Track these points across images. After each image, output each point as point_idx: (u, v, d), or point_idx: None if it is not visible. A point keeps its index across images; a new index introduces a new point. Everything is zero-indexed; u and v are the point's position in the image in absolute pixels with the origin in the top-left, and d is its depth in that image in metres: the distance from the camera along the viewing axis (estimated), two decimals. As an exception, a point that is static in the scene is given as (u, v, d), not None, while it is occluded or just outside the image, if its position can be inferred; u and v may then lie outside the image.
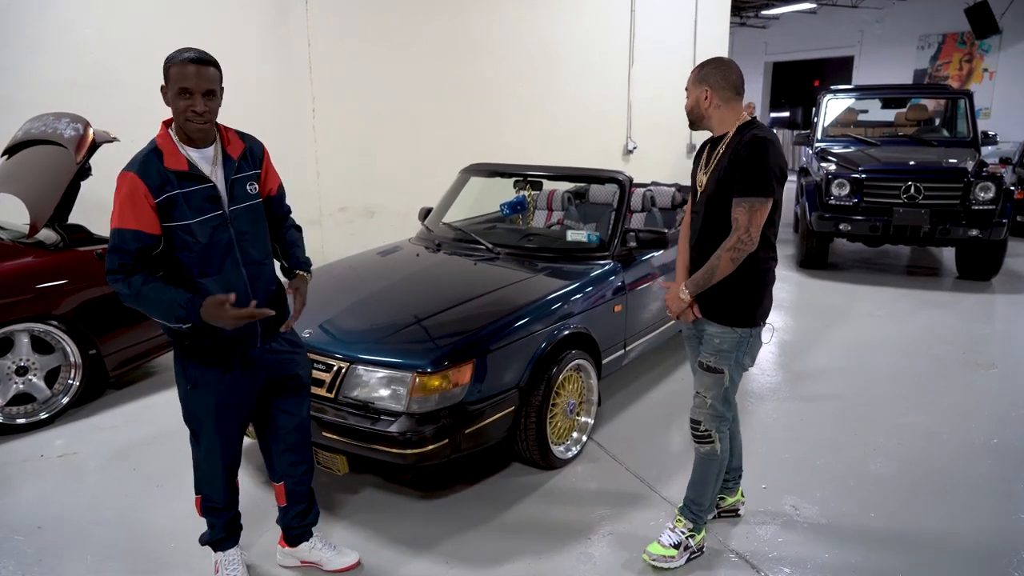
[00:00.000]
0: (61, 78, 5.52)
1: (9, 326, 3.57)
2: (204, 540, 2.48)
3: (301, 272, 2.48)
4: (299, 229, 2.56)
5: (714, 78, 2.42)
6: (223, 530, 2.46)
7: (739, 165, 2.33)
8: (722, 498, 2.87)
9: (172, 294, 2.05)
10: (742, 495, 2.93)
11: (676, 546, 2.60)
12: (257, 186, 2.26)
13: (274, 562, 2.65)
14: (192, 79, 2.06)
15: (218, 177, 2.16)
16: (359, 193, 7.31)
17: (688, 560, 2.61)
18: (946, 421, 3.86)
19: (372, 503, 3.05)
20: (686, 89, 2.51)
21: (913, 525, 2.90)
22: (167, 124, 2.16)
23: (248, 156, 2.26)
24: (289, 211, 2.51)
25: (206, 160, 2.15)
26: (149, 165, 2.06)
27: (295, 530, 2.58)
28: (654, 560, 2.58)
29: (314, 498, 2.61)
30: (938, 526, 2.90)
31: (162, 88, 2.10)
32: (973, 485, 3.22)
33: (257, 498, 3.08)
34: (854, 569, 2.61)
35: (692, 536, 2.63)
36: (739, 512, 2.92)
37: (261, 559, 2.68)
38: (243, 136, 2.30)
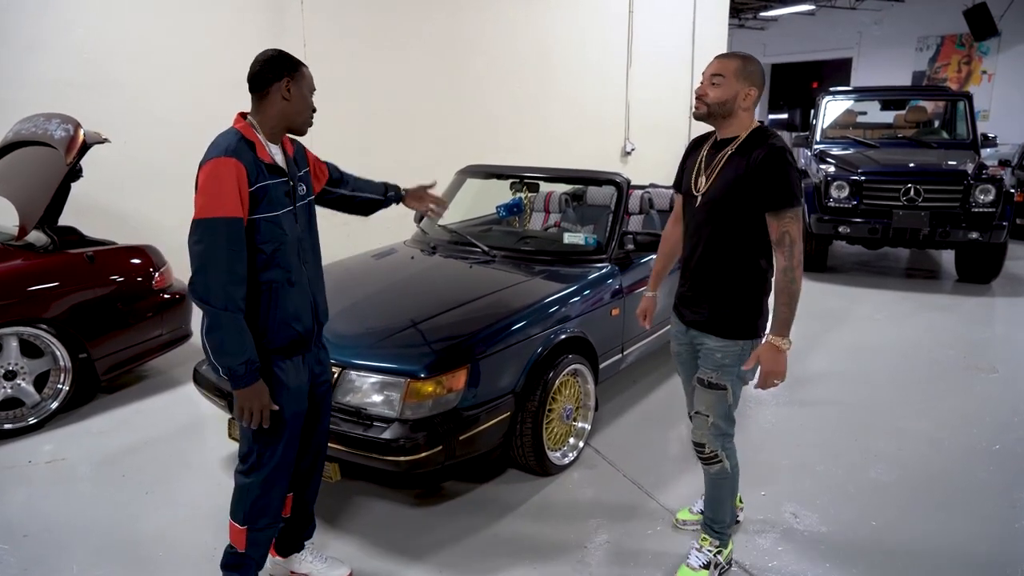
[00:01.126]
0: (56, 78, 5.47)
1: (-3, 329, 3.52)
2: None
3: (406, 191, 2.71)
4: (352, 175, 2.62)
5: (760, 79, 2.29)
6: (258, 565, 2.31)
7: (765, 178, 2.18)
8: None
9: (251, 344, 1.99)
10: (740, 500, 2.82)
11: (706, 566, 2.52)
12: (306, 187, 2.25)
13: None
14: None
15: (288, 174, 2.15)
16: (356, 194, 7.26)
17: None
18: (947, 426, 3.81)
19: (364, 511, 2.99)
20: (716, 75, 2.26)
21: (914, 533, 2.86)
22: (244, 116, 2.11)
23: (298, 156, 2.26)
24: (339, 170, 2.57)
25: (279, 156, 2.14)
26: (244, 153, 2.00)
27: (289, 541, 2.52)
28: None
29: (312, 510, 2.55)
30: (939, 533, 2.85)
31: (287, 84, 2.06)
32: (974, 492, 3.18)
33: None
34: (855, 579, 2.57)
35: (720, 552, 2.55)
36: (738, 519, 2.83)
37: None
38: (290, 139, 2.29)
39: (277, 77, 2.06)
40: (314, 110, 2.18)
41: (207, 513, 2.94)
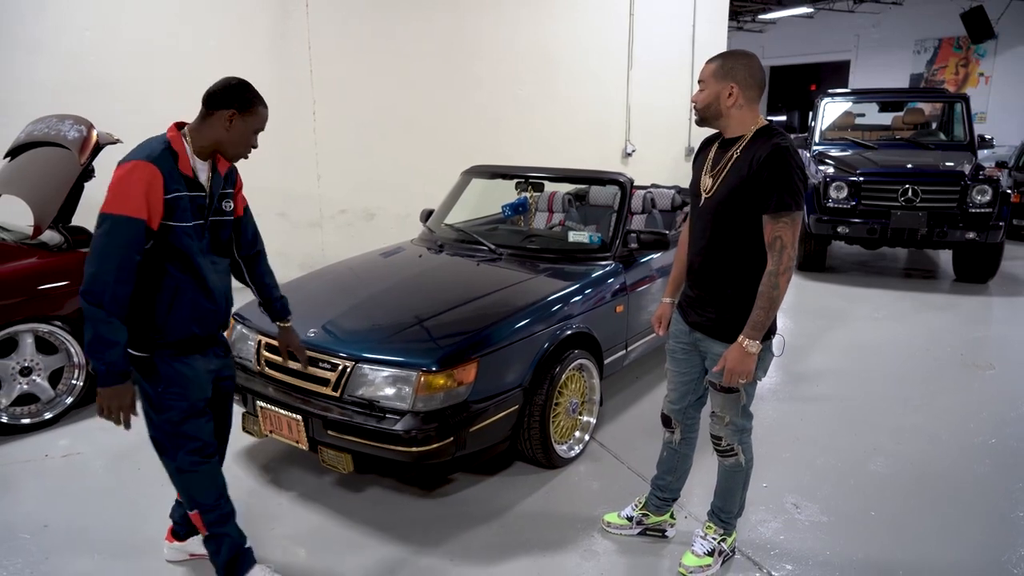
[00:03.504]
0: (61, 81, 5.55)
1: (13, 327, 3.58)
2: (221, 566, 2.37)
3: (287, 323, 2.62)
4: (265, 255, 2.60)
5: (742, 74, 2.22)
6: (238, 539, 2.39)
7: (765, 178, 2.15)
8: (645, 515, 2.80)
9: (120, 348, 2.04)
10: (671, 516, 2.82)
11: (711, 553, 2.58)
12: (233, 204, 2.34)
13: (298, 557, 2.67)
14: (265, 124, 2.23)
15: (208, 190, 2.22)
16: (359, 195, 7.34)
17: (723, 563, 2.60)
18: (945, 422, 3.89)
19: (376, 501, 3.06)
20: (700, 81, 2.30)
21: (913, 523, 2.93)
22: (178, 127, 2.18)
23: (230, 175, 2.34)
24: (258, 232, 2.54)
25: (204, 172, 2.20)
26: (164, 161, 2.07)
27: (186, 526, 2.58)
28: (691, 572, 2.54)
29: None
30: (938, 524, 2.93)
31: (231, 115, 2.12)
32: (972, 484, 3.25)
33: (264, 497, 3.11)
34: (855, 566, 2.64)
35: (724, 540, 2.61)
36: (666, 534, 2.80)
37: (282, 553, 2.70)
38: None
39: (227, 106, 2.12)
40: (254, 147, 2.23)
41: (222, 504, 3.00)
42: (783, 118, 19.31)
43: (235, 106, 2.12)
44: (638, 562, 2.67)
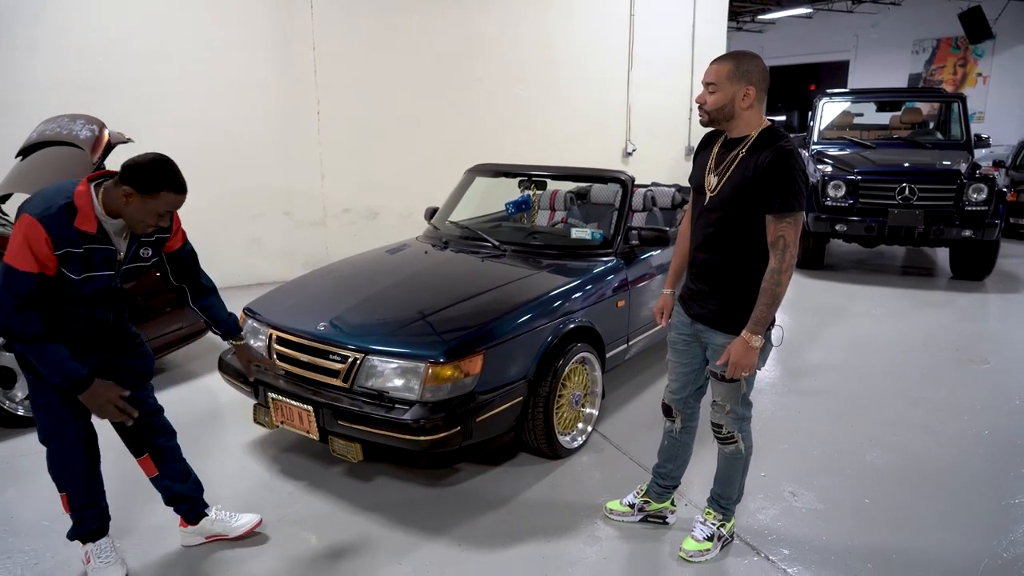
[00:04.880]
0: (71, 81, 5.64)
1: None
2: (71, 535, 2.53)
3: (239, 340, 2.69)
4: (217, 292, 2.64)
5: (757, 76, 2.26)
6: (93, 522, 2.51)
7: (769, 180, 2.22)
8: (647, 502, 2.89)
9: (66, 359, 2.16)
10: (672, 504, 2.91)
11: (710, 538, 2.67)
12: (152, 250, 2.38)
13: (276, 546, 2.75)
14: (176, 207, 2.22)
15: (121, 243, 2.27)
16: (362, 195, 7.43)
17: (722, 548, 2.69)
18: (940, 414, 3.97)
19: (384, 490, 3.15)
20: (710, 83, 2.30)
21: (907, 510, 3.01)
22: (91, 180, 2.19)
23: (164, 226, 2.35)
24: (195, 264, 2.57)
25: (119, 227, 2.23)
26: (56, 220, 2.08)
27: (189, 509, 2.70)
28: (691, 556, 2.63)
29: (190, 479, 2.71)
30: (931, 511, 3.01)
31: (129, 192, 2.11)
32: (965, 473, 3.33)
33: (275, 486, 3.19)
34: (850, 551, 2.72)
35: (723, 525, 2.70)
36: (667, 520, 2.89)
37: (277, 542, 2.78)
38: None
39: (128, 182, 2.11)
40: (162, 224, 2.23)
41: (231, 494, 3.09)
42: (783, 118, 19.37)
43: (135, 186, 2.11)
44: (640, 547, 2.75)
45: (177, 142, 6.04)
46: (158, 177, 2.13)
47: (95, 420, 2.42)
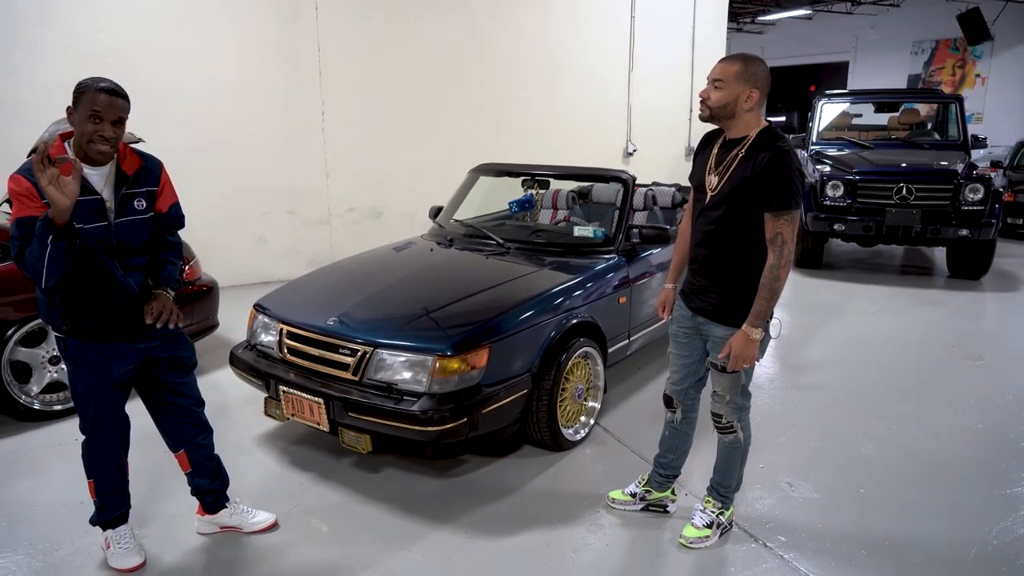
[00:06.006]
0: (75, 81, 5.71)
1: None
2: (94, 521, 2.64)
3: (159, 291, 2.53)
4: (178, 249, 2.63)
5: (762, 80, 2.36)
6: (115, 510, 2.62)
7: (767, 180, 2.31)
8: (648, 491, 2.98)
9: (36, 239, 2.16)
10: (672, 493, 2.99)
11: (709, 526, 2.76)
12: (145, 202, 2.43)
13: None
14: (104, 106, 2.22)
15: (108, 193, 2.34)
16: (366, 194, 7.52)
17: (721, 535, 2.78)
18: (935, 408, 4.06)
19: (392, 481, 3.23)
20: (717, 80, 2.38)
21: (901, 499, 3.10)
22: (64, 138, 2.31)
23: (143, 174, 2.43)
24: (176, 228, 2.60)
25: (100, 176, 2.33)
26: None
27: (210, 500, 2.80)
28: (691, 543, 2.72)
29: (220, 473, 2.81)
30: (924, 501, 3.10)
31: (68, 109, 2.24)
32: (958, 465, 3.42)
33: (286, 477, 3.28)
34: (845, 538, 2.81)
35: (722, 513, 2.79)
36: (668, 509, 2.97)
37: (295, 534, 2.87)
38: (142, 155, 2.48)
39: (74, 105, 2.22)
40: (102, 135, 2.23)
41: (243, 486, 3.16)
42: (783, 119, 19.47)
43: (72, 105, 2.23)
44: (641, 534, 2.84)
45: (182, 142, 6.18)
46: (80, 85, 2.23)
47: (131, 412, 2.55)
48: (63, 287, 2.30)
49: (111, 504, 2.60)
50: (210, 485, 2.78)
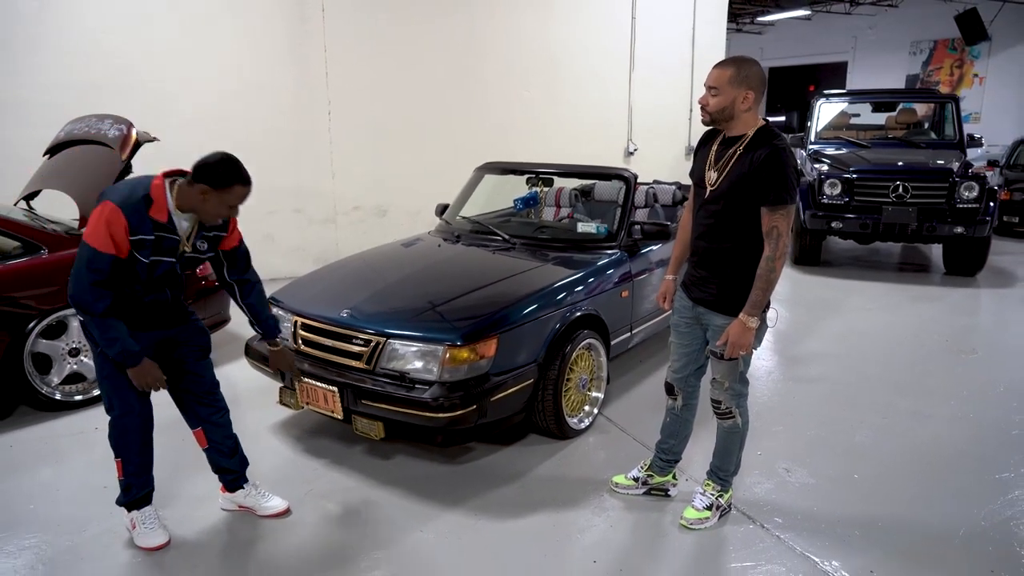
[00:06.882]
0: (89, 81, 5.86)
1: (62, 311, 3.86)
2: (120, 501, 2.76)
3: (276, 346, 2.94)
4: (261, 292, 2.86)
5: (756, 81, 2.47)
6: (140, 490, 2.74)
7: (764, 175, 2.42)
8: (650, 475, 3.10)
9: (124, 336, 2.43)
10: (674, 477, 3.11)
11: (709, 507, 2.88)
12: (207, 244, 2.63)
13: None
14: (244, 199, 2.50)
15: (185, 235, 2.54)
16: (372, 193, 7.64)
17: (720, 517, 2.90)
18: (928, 400, 4.17)
19: (403, 467, 3.35)
20: (712, 86, 2.50)
21: (894, 485, 3.22)
22: (167, 176, 2.48)
23: (221, 223, 2.63)
24: (246, 264, 2.80)
25: (183, 221, 2.52)
26: (135, 209, 2.38)
27: (230, 479, 2.95)
28: (692, 524, 2.84)
29: (238, 454, 2.96)
30: (916, 486, 3.21)
31: (205, 190, 2.40)
32: (950, 453, 3.54)
33: (300, 463, 3.40)
34: (839, 520, 2.92)
35: (721, 496, 2.91)
36: (669, 493, 3.09)
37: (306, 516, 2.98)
38: None
39: (203, 181, 2.40)
40: (233, 214, 2.55)
41: (262, 472, 3.28)
42: (782, 118, 19.58)
43: (210, 183, 2.40)
44: (643, 516, 2.96)
45: (189, 142, 6.23)
46: (229, 173, 2.43)
47: (152, 402, 2.70)
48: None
49: (137, 484, 2.73)
50: (228, 463, 2.92)
